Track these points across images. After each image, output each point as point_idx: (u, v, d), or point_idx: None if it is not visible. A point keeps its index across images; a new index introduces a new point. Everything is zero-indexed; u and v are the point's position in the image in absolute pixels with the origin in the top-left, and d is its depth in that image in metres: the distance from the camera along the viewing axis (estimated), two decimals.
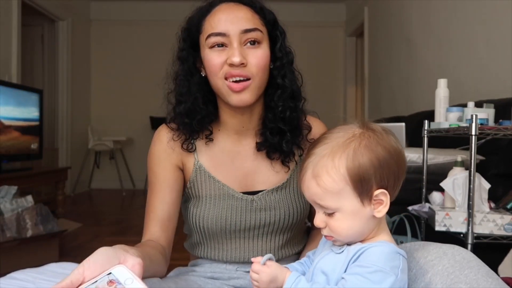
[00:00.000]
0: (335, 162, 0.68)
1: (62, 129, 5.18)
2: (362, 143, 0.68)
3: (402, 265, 0.68)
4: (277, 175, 0.98)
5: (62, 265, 1.11)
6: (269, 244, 0.97)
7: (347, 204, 0.68)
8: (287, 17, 0.97)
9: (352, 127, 0.72)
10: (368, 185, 0.67)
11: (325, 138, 0.72)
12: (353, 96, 5.80)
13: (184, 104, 0.94)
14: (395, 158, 0.69)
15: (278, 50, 0.94)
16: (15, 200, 2.42)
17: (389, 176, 0.69)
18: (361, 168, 0.67)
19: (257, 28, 0.89)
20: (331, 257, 0.73)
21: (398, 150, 0.70)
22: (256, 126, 0.97)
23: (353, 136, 0.69)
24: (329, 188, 0.68)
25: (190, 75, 0.95)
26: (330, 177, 0.68)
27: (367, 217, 0.69)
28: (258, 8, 0.92)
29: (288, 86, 0.94)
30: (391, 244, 0.70)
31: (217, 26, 0.88)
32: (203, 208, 0.95)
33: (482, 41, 2.46)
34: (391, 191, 0.69)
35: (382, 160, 0.68)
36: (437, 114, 1.57)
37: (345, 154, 0.68)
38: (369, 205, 0.69)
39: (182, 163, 0.98)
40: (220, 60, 0.88)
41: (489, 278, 0.71)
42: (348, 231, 0.69)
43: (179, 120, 0.95)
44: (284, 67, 0.94)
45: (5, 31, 3.84)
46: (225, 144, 0.98)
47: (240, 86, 0.87)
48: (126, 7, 5.95)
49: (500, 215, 1.31)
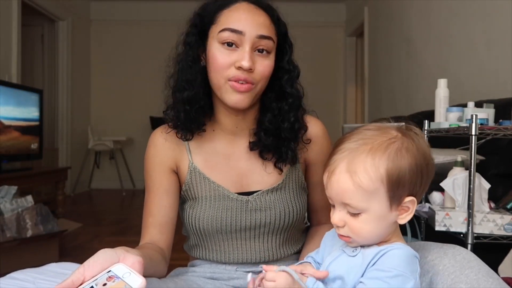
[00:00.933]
0: (375, 160, 0.65)
1: (62, 129, 5.18)
2: (404, 146, 0.67)
3: (419, 269, 0.67)
4: (272, 174, 0.97)
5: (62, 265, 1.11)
6: (266, 245, 0.97)
7: (376, 206, 0.66)
8: (287, 17, 0.97)
9: (390, 126, 0.70)
10: (402, 190, 0.66)
11: (360, 133, 0.70)
12: (353, 96, 5.80)
13: (187, 91, 0.92)
14: (429, 168, 0.69)
15: (286, 62, 0.94)
16: (15, 200, 2.42)
17: (421, 183, 0.68)
18: (401, 171, 0.65)
19: (271, 37, 0.89)
20: (344, 260, 0.71)
21: (433, 160, 0.70)
22: (250, 126, 0.97)
23: (395, 138, 0.68)
24: (364, 186, 0.65)
25: (193, 62, 0.93)
26: (367, 175, 0.65)
27: (389, 222, 0.68)
28: (275, 18, 0.92)
29: (295, 96, 0.94)
30: (408, 247, 0.69)
31: (236, 22, 0.87)
32: (199, 209, 0.95)
33: (482, 41, 2.46)
34: (418, 199, 0.69)
35: (419, 167, 0.67)
36: (437, 114, 1.57)
37: (386, 154, 0.66)
38: (395, 211, 0.67)
39: (176, 166, 0.98)
40: (228, 60, 0.87)
41: (490, 278, 0.71)
42: (370, 234, 0.68)
43: (180, 107, 0.93)
44: (292, 79, 0.95)
45: (5, 31, 3.84)
46: (220, 145, 0.98)
47: (242, 87, 0.87)
48: (126, 7, 5.95)
49: (500, 215, 1.31)
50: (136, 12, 5.96)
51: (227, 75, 0.87)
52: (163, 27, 5.35)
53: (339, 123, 5.52)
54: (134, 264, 0.65)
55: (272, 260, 0.97)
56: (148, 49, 5.78)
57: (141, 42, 5.91)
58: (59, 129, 5.17)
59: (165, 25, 5.18)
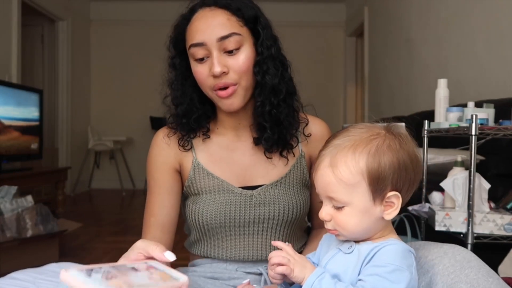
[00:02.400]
0: (355, 155, 0.68)
1: (62, 129, 5.18)
2: (385, 142, 0.69)
3: (414, 263, 0.69)
4: (276, 169, 0.98)
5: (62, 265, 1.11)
6: (269, 241, 0.97)
7: (359, 199, 0.68)
8: (287, 17, 0.98)
9: (377, 126, 0.72)
10: (384, 184, 0.67)
11: (347, 131, 0.72)
12: (353, 96, 5.80)
13: (180, 106, 0.96)
14: (414, 165, 0.70)
15: (259, 45, 0.92)
16: (15, 200, 2.41)
17: (405, 181, 0.69)
18: (380, 166, 0.67)
19: (234, 32, 0.88)
20: (340, 258, 0.72)
21: (418, 158, 0.71)
22: (251, 122, 0.98)
23: (378, 134, 0.70)
24: (345, 179, 0.67)
25: (184, 79, 0.97)
26: (347, 169, 0.68)
27: (375, 217, 0.69)
28: (234, 9, 0.90)
29: (269, 82, 0.91)
30: (402, 242, 0.70)
31: (195, 36, 0.89)
32: (202, 204, 0.96)
33: (482, 41, 2.46)
34: (403, 196, 0.70)
35: (402, 164, 0.68)
36: (437, 114, 1.57)
37: (367, 149, 0.68)
38: (379, 205, 0.69)
39: (180, 164, 0.99)
40: (204, 72, 0.89)
41: (490, 277, 0.71)
42: (355, 228, 0.69)
43: (177, 122, 0.97)
44: (266, 62, 0.92)
45: (5, 31, 3.84)
46: (223, 141, 0.99)
47: (226, 92, 0.89)
48: (126, 7, 5.94)
49: (500, 215, 1.31)
50: (136, 12, 5.96)
51: (209, 85, 0.90)
52: (163, 27, 5.34)
53: (339, 123, 5.52)
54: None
55: None
56: (148, 49, 5.77)
57: (141, 42, 5.90)
58: (59, 129, 5.17)
59: (165, 25, 5.16)
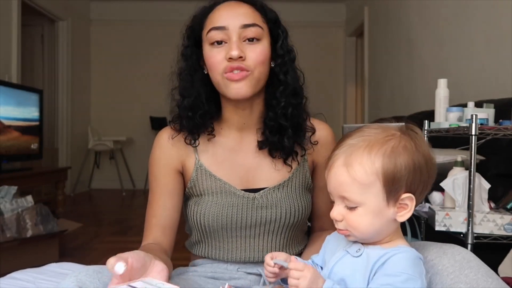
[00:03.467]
0: (371, 155, 0.67)
1: (62, 129, 5.18)
2: (401, 143, 0.68)
3: (424, 271, 0.68)
4: (279, 172, 0.98)
5: (62, 265, 1.11)
6: (270, 244, 0.97)
7: (373, 200, 0.67)
8: (287, 17, 0.98)
9: (392, 126, 0.72)
10: (398, 186, 0.67)
11: (361, 131, 0.71)
12: (353, 96, 5.80)
13: (187, 98, 0.96)
14: (429, 167, 0.69)
15: (279, 47, 0.95)
16: (15, 200, 2.41)
17: (420, 182, 0.68)
18: (396, 167, 0.66)
19: (256, 23, 0.90)
20: (348, 261, 0.71)
21: (433, 159, 0.71)
22: (257, 124, 0.98)
23: (393, 135, 0.69)
24: (359, 179, 0.67)
25: (193, 71, 0.97)
26: (362, 168, 0.67)
27: (388, 219, 0.68)
28: (258, 6, 0.94)
29: (290, 83, 0.94)
30: (413, 250, 0.69)
31: (218, 20, 0.90)
32: (204, 205, 0.96)
33: (482, 41, 2.46)
34: (417, 198, 0.69)
35: (417, 165, 0.67)
36: (437, 114, 1.57)
37: (382, 149, 0.67)
38: (393, 207, 0.68)
39: (182, 165, 0.99)
40: (219, 56, 0.89)
41: (489, 278, 0.71)
42: (366, 228, 0.68)
43: (183, 114, 0.96)
44: (286, 65, 0.95)
45: (5, 31, 3.84)
46: (227, 142, 0.99)
47: (238, 75, 0.88)
48: (126, 7, 5.94)
49: (500, 215, 1.31)
50: (136, 12, 5.96)
51: (221, 69, 0.89)
52: (163, 27, 5.35)
53: (339, 123, 5.52)
54: (162, 271, 0.68)
55: None
56: (148, 49, 5.79)
57: (141, 42, 5.91)
58: (59, 129, 5.17)
59: (165, 25, 5.18)
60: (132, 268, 0.65)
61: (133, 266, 0.65)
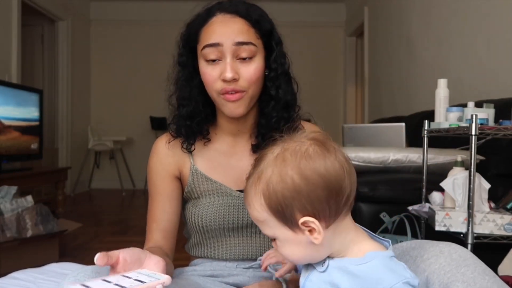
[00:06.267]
0: (256, 192, 0.64)
1: (62, 129, 5.18)
2: (275, 170, 0.63)
3: (402, 263, 0.63)
4: None
5: (62, 265, 1.11)
6: (267, 240, 0.99)
7: (279, 232, 0.64)
8: (287, 17, 0.98)
9: (275, 146, 0.66)
10: (288, 213, 0.62)
11: (259, 160, 0.67)
12: (353, 96, 5.80)
13: (186, 107, 0.97)
14: (318, 184, 0.61)
15: (272, 61, 0.95)
16: (15, 200, 2.41)
17: (313, 202, 0.61)
18: (275, 195, 0.62)
19: (251, 42, 0.90)
20: (315, 276, 0.67)
21: (323, 174, 0.61)
22: (250, 130, 1.00)
23: (269, 162, 0.64)
24: (256, 218, 0.65)
25: (190, 79, 0.97)
26: (254, 207, 0.65)
27: (306, 244, 0.63)
28: (253, 20, 0.92)
29: (282, 97, 0.95)
30: (380, 252, 0.64)
31: (212, 37, 0.90)
32: (201, 207, 0.97)
33: (482, 41, 2.46)
34: (324, 215, 0.61)
35: (298, 188, 0.61)
36: (437, 114, 1.57)
37: (263, 180, 0.63)
38: (301, 233, 0.62)
39: (179, 171, 1.01)
40: (214, 74, 0.90)
41: (486, 276, 0.71)
42: (293, 257, 0.66)
43: (181, 123, 0.97)
44: (279, 78, 0.95)
45: (5, 31, 3.84)
46: (222, 146, 1.01)
47: (234, 96, 0.89)
48: (126, 7, 5.95)
49: (500, 215, 1.31)
50: (136, 12, 5.96)
51: (216, 88, 0.90)
52: (163, 27, 5.35)
53: (339, 123, 5.52)
54: (158, 262, 0.68)
55: None
56: (148, 49, 5.79)
57: (141, 42, 5.91)
58: (59, 129, 5.17)
59: (165, 25, 5.18)
60: (126, 261, 0.65)
61: (127, 260, 0.65)
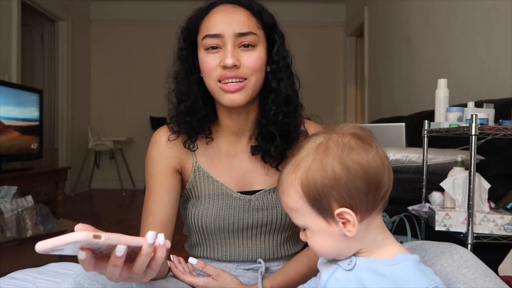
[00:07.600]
0: (294, 179, 0.64)
1: (62, 129, 5.18)
2: (316, 158, 0.63)
3: (430, 269, 0.63)
4: (274, 174, 0.97)
5: (62, 265, 1.11)
6: (267, 243, 0.98)
7: (312, 222, 0.64)
8: (287, 17, 0.98)
9: (318, 136, 0.67)
10: (325, 203, 0.62)
11: (298, 148, 0.67)
12: (353, 96, 5.80)
13: (184, 102, 0.95)
14: (359, 175, 0.61)
15: (275, 53, 0.93)
16: (15, 200, 2.41)
17: (351, 193, 0.61)
18: (314, 184, 0.62)
19: (252, 31, 0.89)
20: (341, 275, 0.66)
21: (365, 166, 0.62)
22: (251, 129, 0.98)
23: (310, 150, 0.65)
24: (290, 206, 0.65)
25: (190, 74, 0.96)
26: (289, 195, 0.65)
27: (337, 235, 0.63)
28: (255, 11, 0.92)
29: (283, 91, 0.93)
30: (408, 254, 0.63)
31: (213, 27, 0.89)
32: (202, 207, 0.96)
33: (482, 41, 2.46)
34: (360, 208, 0.62)
35: (338, 177, 0.61)
36: (437, 114, 1.57)
37: (302, 168, 0.64)
38: (335, 224, 0.63)
39: (181, 165, 0.99)
40: (214, 62, 0.88)
41: (487, 277, 0.71)
42: (321, 249, 0.66)
43: (181, 119, 0.95)
44: (280, 71, 0.93)
45: (5, 31, 3.84)
46: (223, 145, 0.99)
47: (233, 87, 0.87)
48: (126, 7, 5.94)
49: (500, 215, 1.31)
50: (136, 12, 5.96)
51: (216, 76, 0.88)
52: (163, 27, 5.34)
53: (339, 123, 5.51)
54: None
55: (273, 258, 0.99)
56: (148, 49, 5.79)
57: (141, 42, 5.91)
58: (59, 129, 5.16)
59: (165, 25, 5.18)
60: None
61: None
